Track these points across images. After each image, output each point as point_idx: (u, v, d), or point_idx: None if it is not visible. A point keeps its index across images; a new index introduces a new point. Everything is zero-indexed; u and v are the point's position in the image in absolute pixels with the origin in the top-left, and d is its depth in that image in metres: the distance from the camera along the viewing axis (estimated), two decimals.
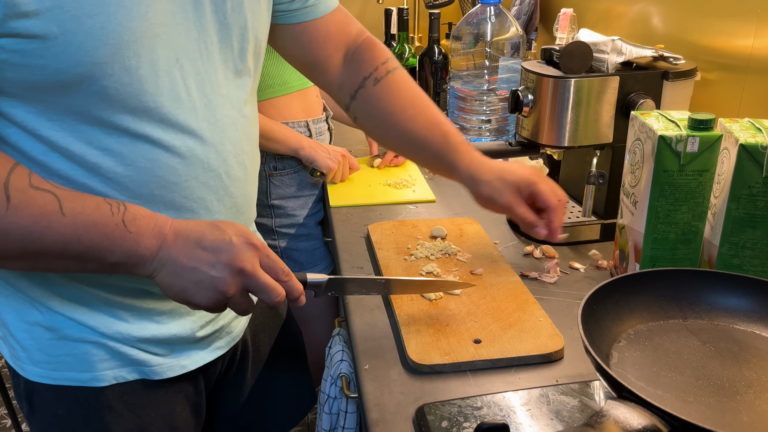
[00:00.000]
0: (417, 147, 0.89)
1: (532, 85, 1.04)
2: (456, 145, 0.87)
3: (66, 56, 0.59)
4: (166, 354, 0.77)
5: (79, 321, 0.72)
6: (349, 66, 0.91)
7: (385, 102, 0.89)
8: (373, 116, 0.91)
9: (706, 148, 0.79)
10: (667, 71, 1.01)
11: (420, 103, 0.89)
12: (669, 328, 0.73)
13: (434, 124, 0.88)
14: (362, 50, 0.91)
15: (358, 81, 0.90)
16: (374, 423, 0.68)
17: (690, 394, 0.63)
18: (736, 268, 0.82)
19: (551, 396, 0.69)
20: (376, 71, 0.89)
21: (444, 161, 0.87)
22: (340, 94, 0.93)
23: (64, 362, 0.73)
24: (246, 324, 0.90)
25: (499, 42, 1.51)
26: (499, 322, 0.82)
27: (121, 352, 0.74)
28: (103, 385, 0.74)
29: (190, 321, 0.78)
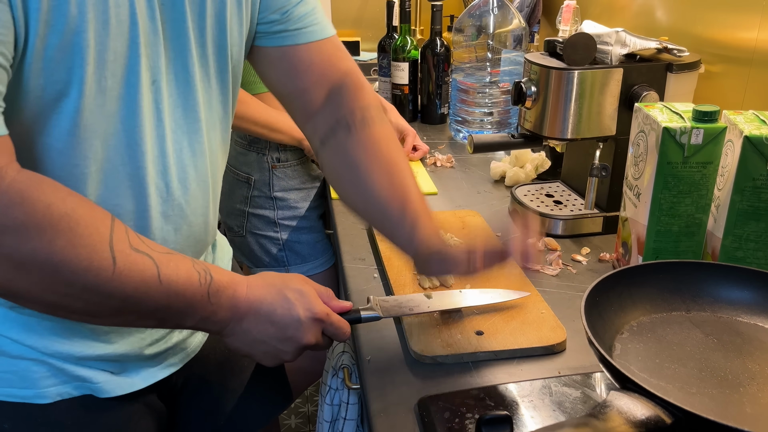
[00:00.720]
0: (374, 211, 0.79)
1: (536, 77, 1.03)
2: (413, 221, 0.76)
3: (46, 73, 0.56)
4: (115, 371, 0.73)
5: (17, 339, 0.68)
6: (328, 107, 0.81)
7: (351, 155, 0.79)
8: (337, 167, 0.81)
9: (711, 140, 0.78)
10: (671, 63, 1.01)
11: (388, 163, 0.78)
12: (672, 320, 0.73)
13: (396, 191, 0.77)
14: (345, 92, 0.81)
15: (330, 124, 0.80)
16: (376, 414, 0.68)
17: (693, 385, 0.63)
18: (739, 260, 0.82)
19: (553, 387, 0.69)
20: (352, 117, 0.79)
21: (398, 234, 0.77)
22: (313, 138, 0.83)
23: (5, 379, 0.68)
24: (203, 340, 0.85)
25: (501, 34, 1.51)
26: (501, 314, 0.82)
27: (63, 369, 0.70)
28: (47, 402, 0.69)
29: (138, 339, 0.74)
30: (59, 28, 0.55)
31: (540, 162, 1.32)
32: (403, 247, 0.78)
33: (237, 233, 1.42)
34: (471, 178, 1.37)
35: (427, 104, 1.76)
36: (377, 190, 0.78)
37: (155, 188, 0.68)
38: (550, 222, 1.08)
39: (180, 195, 0.70)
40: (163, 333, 0.77)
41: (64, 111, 0.59)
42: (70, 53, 0.56)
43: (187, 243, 0.74)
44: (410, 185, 0.79)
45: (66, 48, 0.56)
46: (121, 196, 0.65)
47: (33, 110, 0.58)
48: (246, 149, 1.37)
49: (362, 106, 0.80)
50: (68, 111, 0.59)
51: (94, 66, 0.58)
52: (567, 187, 1.20)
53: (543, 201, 1.14)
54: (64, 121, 0.59)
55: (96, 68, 0.59)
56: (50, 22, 0.55)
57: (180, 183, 0.70)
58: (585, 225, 1.08)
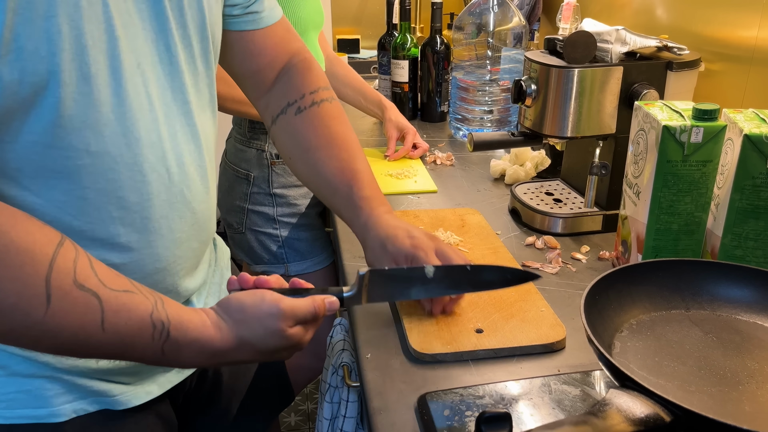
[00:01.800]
0: (323, 190, 0.84)
1: (535, 75, 1.03)
2: (359, 199, 0.80)
3: (19, 64, 0.52)
4: (131, 382, 0.72)
5: (29, 357, 0.65)
6: (278, 87, 0.85)
7: (301, 136, 0.83)
8: (288, 147, 0.85)
9: (710, 138, 0.78)
10: (671, 61, 1.01)
11: (337, 144, 0.83)
12: (671, 319, 0.73)
13: (344, 172, 0.81)
14: (295, 72, 0.85)
15: (281, 106, 0.84)
16: (376, 412, 0.68)
17: (692, 383, 0.63)
18: (738, 259, 0.82)
19: (553, 385, 0.69)
20: (302, 100, 0.84)
21: (345, 213, 0.82)
22: (265, 114, 0.87)
23: (17, 399, 0.66)
24: None
25: (501, 32, 1.51)
26: (500, 312, 0.82)
27: (78, 384, 0.68)
28: (62, 420, 0.67)
29: None
30: (27, 15, 0.52)
31: (540, 160, 1.32)
32: (353, 229, 0.82)
33: (237, 230, 1.42)
34: (471, 176, 1.37)
35: (427, 102, 1.76)
36: (326, 169, 0.82)
37: (156, 175, 0.66)
38: (550, 220, 1.08)
39: (180, 180, 0.69)
40: None
41: (44, 104, 0.55)
42: (44, 40, 0.53)
43: (193, 231, 0.73)
44: (357, 165, 0.82)
45: (37, 36, 0.53)
46: (123, 188, 0.63)
47: (10, 107, 0.54)
48: (245, 146, 1.37)
49: (311, 89, 0.84)
50: (49, 103, 0.56)
51: (71, 52, 0.55)
52: (567, 185, 1.21)
53: (543, 199, 1.14)
54: (47, 114, 0.56)
55: (74, 55, 0.55)
56: (17, 10, 0.51)
57: (179, 168, 0.68)
58: (585, 223, 1.08)
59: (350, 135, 0.85)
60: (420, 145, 1.47)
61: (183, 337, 0.60)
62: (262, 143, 1.36)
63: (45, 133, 0.57)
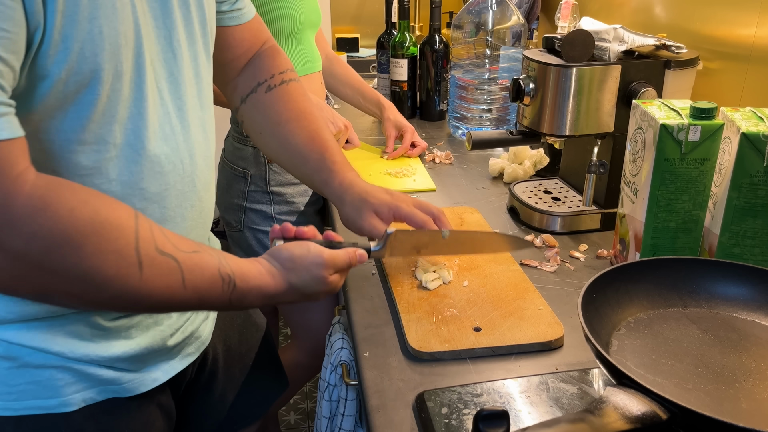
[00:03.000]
0: (295, 160, 0.89)
1: (534, 73, 1.03)
2: (331, 164, 0.87)
3: (66, 64, 0.56)
4: (138, 369, 0.74)
5: (40, 348, 0.67)
6: (248, 70, 0.91)
7: (272, 111, 0.89)
8: (258, 123, 0.91)
9: (708, 136, 0.79)
10: (669, 60, 1.01)
11: (305, 118, 0.89)
12: (669, 317, 0.74)
13: (315, 141, 0.88)
14: (264, 57, 0.92)
15: (251, 85, 0.90)
16: (374, 409, 0.68)
17: (689, 381, 0.63)
18: (736, 257, 0.82)
19: (551, 383, 0.69)
20: (272, 79, 0.90)
21: (317, 178, 0.88)
22: (233, 96, 0.93)
23: (27, 391, 0.67)
24: (213, 326, 0.88)
25: (500, 31, 1.51)
26: (499, 311, 0.82)
27: (88, 373, 0.69)
28: (72, 409, 0.69)
29: (159, 331, 0.75)
30: (74, 17, 0.55)
31: (538, 159, 1.32)
32: (326, 193, 0.89)
33: (235, 228, 1.43)
34: (469, 175, 1.37)
35: (425, 101, 1.76)
36: (295, 140, 0.88)
37: (172, 166, 0.69)
38: (549, 219, 1.08)
39: (192, 171, 0.72)
40: (180, 323, 0.79)
41: (83, 101, 0.59)
42: (88, 41, 0.57)
43: (200, 218, 0.77)
44: (326, 136, 0.89)
45: (82, 37, 0.56)
46: (144, 179, 0.67)
47: (53, 105, 0.58)
48: (242, 144, 1.37)
49: (280, 70, 0.91)
50: (87, 100, 0.59)
51: (109, 52, 0.59)
52: (565, 183, 1.21)
53: (541, 198, 1.14)
54: (84, 110, 0.59)
55: (111, 54, 0.59)
56: (65, 12, 0.55)
57: (190, 158, 0.72)
58: (583, 222, 1.08)
59: (316, 110, 0.92)
60: (418, 143, 1.47)
61: (245, 285, 0.67)
62: None
63: (81, 129, 0.60)
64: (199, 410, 0.93)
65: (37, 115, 0.57)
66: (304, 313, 1.49)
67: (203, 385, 0.91)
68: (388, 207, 0.85)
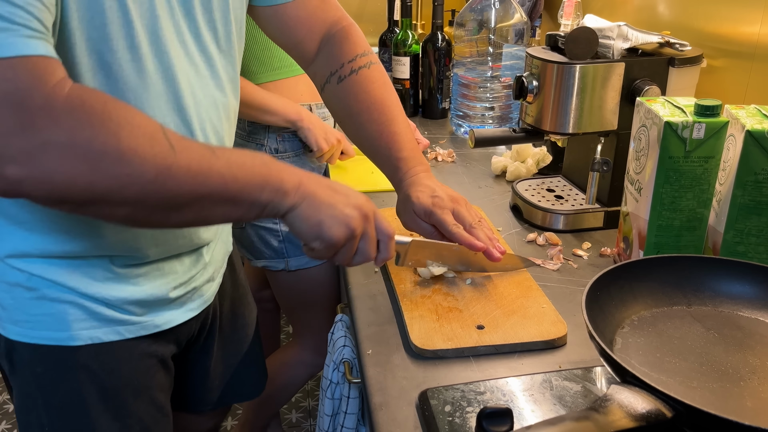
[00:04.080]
0: (367, 150, 0.93)
1: (537, 71, 1.03)
2: (396, 161, 0.89)
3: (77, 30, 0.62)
4: (142, 313, 0.80)
5: (58, 282, 0.74)
6: (321, 58, 0.93)
7: (344, 103, 0.92)
8: (336, 112, 0.95)
9: (713, 134, 0.78)
10: (673, 58, 1.00)
11: (376, 109, 0.90)
12: (673, 315, 0.73)
13: (383, 134, 0.90)
14: (335, 42, 0.93)
15: (325, 75, 0.93)
16: (377, 407, 0.68)
17: (694, 379, 0.63)
18: (740, 255, 0.82)
19: (554, 381, 0.69)
20: (342, 69, 0.91)
21: (384, 171, 0.92)
22: (315, 82, 0.97)
23: (42, 321, 0.75)
24: (216, 290, 0.94)
25: (503, 29, 1.50)
26: (502, 309, 0.82)
27: (97, 312, 0.77)
28: (79, 344, 0.76)
29: (164, 282, 0.81)
30: None
31: (541, 157, 1.32)
32: (393, 185, 0.91)
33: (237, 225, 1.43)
34: (472, 173, 1.37)
35: (428, 99, 1.76)
36: (366, 132, 0.90)
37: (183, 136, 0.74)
38: (552, 217, 1.08)
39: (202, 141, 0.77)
40: (184, 279, 0.84)
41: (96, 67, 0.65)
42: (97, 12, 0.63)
43: None
44: (394, 129, 0.90)
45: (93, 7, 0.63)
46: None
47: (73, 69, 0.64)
48: (245, 140, 1.37)
49: (350, 57, 0.92)
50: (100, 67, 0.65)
51: (118, 25, 0.65)
52: (568, 181, 1.20)
53: (544, 196, 1.14)
54: (98, 75, 0.66)
55: (120, 27, 0.65)
56: None
57: (201, 131, 0.77)
58: (586, 220, 1.08)
59: (389, 97, 0.92)
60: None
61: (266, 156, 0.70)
62: (262, 138, 1.36)
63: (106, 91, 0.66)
64: (196, 374, 0.99)
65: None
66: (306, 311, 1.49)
67: (202, 346, 0.97)
68: (424, 211, 0.85)
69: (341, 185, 0.74)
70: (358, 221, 0.72)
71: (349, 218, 0.71)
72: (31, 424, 0.80)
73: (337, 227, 0.70)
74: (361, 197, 0.74)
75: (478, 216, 0.88)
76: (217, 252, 0.92)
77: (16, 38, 0.54)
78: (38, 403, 0.79)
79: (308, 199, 0.69)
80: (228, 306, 1.02)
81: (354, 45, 0.93)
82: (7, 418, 2.05)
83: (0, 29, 0.54)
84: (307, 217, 0.70)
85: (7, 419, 2.04)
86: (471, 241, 0.83)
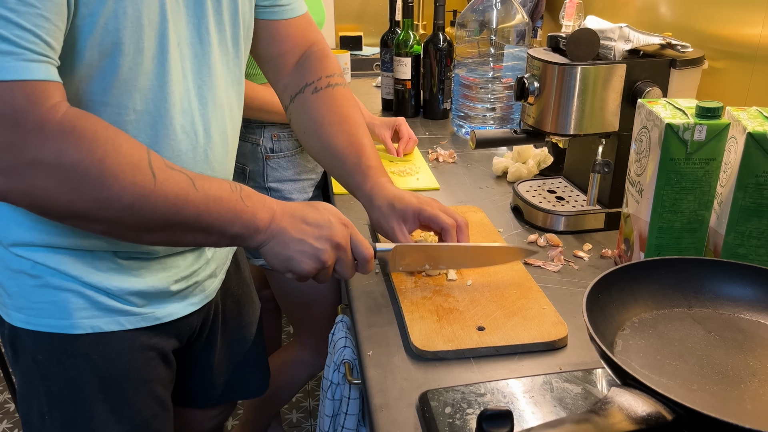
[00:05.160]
0: (333, 162, 0.93)
1: (538, 72, 1.03)
2: (366, 168, 0.91)
3: (90, 35, 0.64)
4: (143, 305, 0.82)
5: (61, 270, 0.76)
6: (298, 70, 0.96)
7: (316, 112, 0.94)
8: (303, 122, 0.96)
9: (714, 136, 0.78)
10: (674, 59, 1.00)
11: (347, 122, 0.93)
12: (673, 317, 0.73)
13: (353, 145, 0.92)
14: (314, 58, 0.96)
15: (299, 86, 0.95)
16: (377, 409, 0.68)
17: (694, 382, 0.63)
18: (741, 257, 0.82)
19: (554, 383, 0.69)
20: (319, 81, 0.94)
21: (352, 181, 0.92)
22: (284, 95, 0.98)
23: (45, 309, 0.77)
24: (218, 286, 0.95)
25: (504, 29, 1.50)
26: (502, 310, 0.82)
27: (99, 301, 0.78)
28: (79, 332, 0.78)
29: (166, 276, 0.83)
30: None
31: (542, 158, 1.32)
32: (359, 196, 0.92)
33: None
34: (473, 174, 1.37)
35: (429, 99, 1.76)
36: (335, 142, 0.92)
37: (185, 136, 0.77)
38: (552, 218, 1.08)
39: (205, 142, 0.79)
40: (186, 273, 0.85)
41: (106, 69, 0.67)
42: (113, 19, 0.66)
43: None
44: (365, 141, 0.93)
45: (108, 14, 0.65)
46: (159, 144, 0.74)
47: (83, 70, 0.67)
48: (241, 140, 1.37)
49: (327, 73, 0.95)
50: (110, 69, 0.68)
51: (132, 30, 0.67)
52: (569, 183, 1.20)
53: (545, 197, 1.14)
54: (107, 77, 0.68)
55: (134, 32, 0.67)
56: None
57: (205, 132, 0.79)
58: (587, 221, 1.08)
59: (359, 116, 0.95)
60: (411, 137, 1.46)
61: (249, 190, 0.73)
62: (257, 137, 1.36)
63: (103, 92, 0.69)
64: (199, 370, 1.01)
65: (75, 77, 0.67)
66: (306, 311, 1.49)
67: (204, 342, 0.98)
68: (413, 211, 0.87)
69: (319, 213, 0.76)
70: (328, 254, 0.75)
71: (319, 252, 0.74)
72: (32, 412, 0.82)
73: (307, 261, 0.74)
74: (336, 225, 0.76)
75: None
76: (220, 249, 0.94)
77: (18, 62, 0.58)
78: (39, 391, 0.80)
79: (278, 237, 0.73)
80: (232, 303, 1.03)
81: (332, 64, 0.97)
82: (8, 418, 2.05)
83: (5, 52, 0.57)
84: (276, 254, 0.74)
85: (8, 419, 2.04)
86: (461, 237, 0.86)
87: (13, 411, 2.07)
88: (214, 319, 0.98)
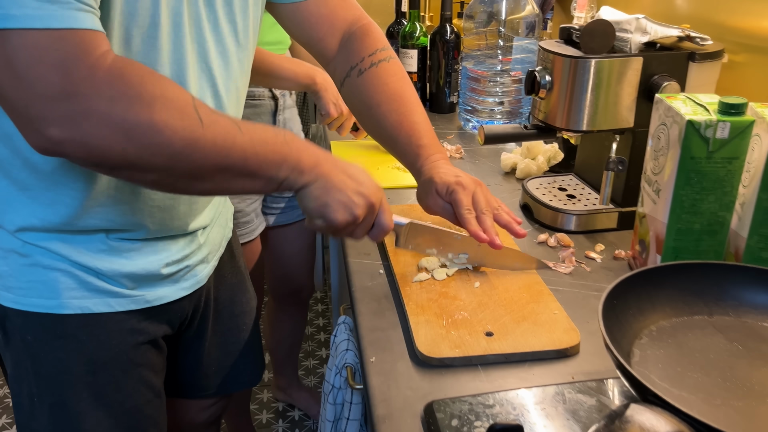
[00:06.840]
0: (387, 142, 0.94)
1: (550, 65, 0.99)
2: (417, 147, 0.90)
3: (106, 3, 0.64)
4: (133, 287, 0.81)
5: (51, 249, 0.76)
6: (341, 53, 0.95)
7: (364, 95, 0.93)
8: (356, 105, 0.96)
9: (737, 134, 0.74)
10: (693, 52, 0.96)
11: (395, 99, 0.92)
12: (693, 325, 0.69)
13: (402, 124, 0.91)
14: (355, 38, 0.95)
15: (345, 70, 0.94)
16: (381, 420, 0.64)
17: (717, 396, 0.59)
18: (765, 261, 0.78)
19: (567, 394, 0.65)
20: (362, 63, 0.93)
21: (405, 160, 0.92)
22: (335, 78, 0.98)
23: (34, 288, 0.76)
24: (210, 272, 0.94)
25: (513, 21, 1.46)
26: (512, 314, 0.78)
27: (88, 282, 0.78)
28: (68, 312, 0.77)
29: (157, 259, 0.83)
30: None
31: (552, 154, 1.28)
32: (414, 174, 0.92)
33: None
34: (481, 170, 1.33)
35: (436, 92, 1.72)
36: (386, 123, 0.91)
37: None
38: (563, 217, 1.04)
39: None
40: (179, 256, 0.85)
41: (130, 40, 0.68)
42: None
43: None
44: (415, 118, 0.92)
45: None
46: None
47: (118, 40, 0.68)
48: None
49: (370, 51, 0.94)
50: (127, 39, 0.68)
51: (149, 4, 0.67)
52: (581, 180, 1.16)
53: (555, 195, 1.10)
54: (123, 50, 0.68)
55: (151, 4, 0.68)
56: None
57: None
58: (599, 220, 1.04)
59: (408, 89, 0.94)
60: None
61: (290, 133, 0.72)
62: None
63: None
64: (191, 358, 1.00)
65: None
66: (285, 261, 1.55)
67: (196, 329, 0.97)
68: (447, 187, 0.85)
69: (359, 170, 0.75)
70: (362, 209, 0.73)
71: (355, 205, 0.73)
72: (22, 394, 0.81)
73: (342, 212, 0.72)
74: (373, 186, 0.75)
75: (497, 203, 0.87)
76: (213, 235, 0.94)
77: (68, 11, 0.58)
78: (29, 372, 0.80)
79: (320, 180, 0.72)
80: (225, 291, 1.02)
81: (374, 40, 0.95)
82: (8, 413, 2.03)
83: (53, 2, 0.57)
84: (316, 197, 0.72)
85: (8, 413, 2.03)
86: (475, 231, 0.81)
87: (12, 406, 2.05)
88: (206, 306, 0.97)
